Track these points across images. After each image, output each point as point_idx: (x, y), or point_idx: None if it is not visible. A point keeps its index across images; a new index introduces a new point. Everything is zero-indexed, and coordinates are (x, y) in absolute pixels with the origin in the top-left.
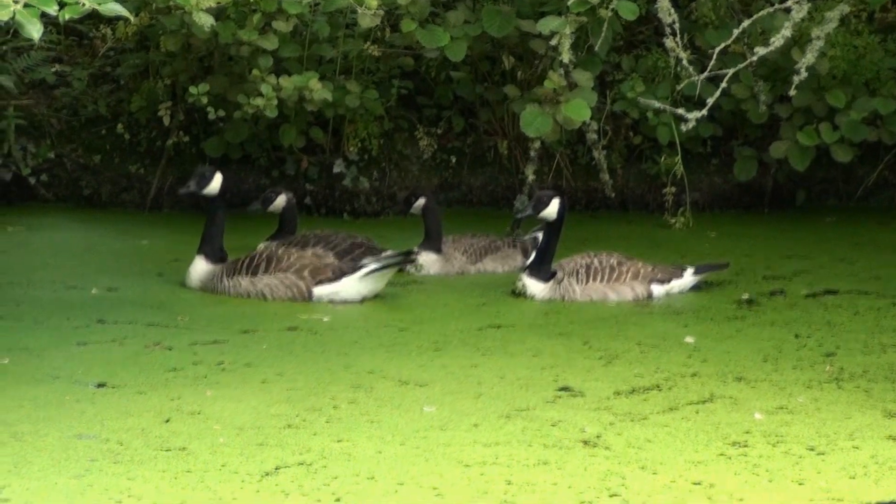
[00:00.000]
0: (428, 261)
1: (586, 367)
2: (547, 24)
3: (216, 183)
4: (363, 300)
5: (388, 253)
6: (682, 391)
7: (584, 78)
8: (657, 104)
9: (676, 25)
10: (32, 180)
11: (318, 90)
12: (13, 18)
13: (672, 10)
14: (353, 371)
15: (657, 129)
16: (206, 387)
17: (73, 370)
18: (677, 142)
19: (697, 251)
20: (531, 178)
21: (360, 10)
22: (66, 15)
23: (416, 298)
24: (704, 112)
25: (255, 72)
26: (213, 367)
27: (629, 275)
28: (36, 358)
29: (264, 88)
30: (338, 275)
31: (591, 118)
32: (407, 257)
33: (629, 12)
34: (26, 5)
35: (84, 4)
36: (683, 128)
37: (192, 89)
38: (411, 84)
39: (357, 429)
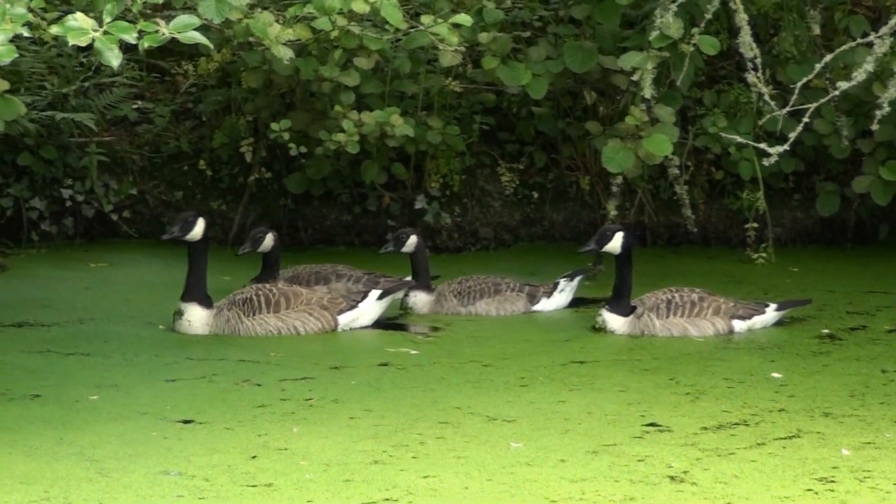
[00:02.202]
0: (419, 301)
1: (673, 403)
2: (629, 60)
3: (199, 228)
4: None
5: (390, 281)
6: (769, 427)
7: (666, 113)
8: (739, 139)
9: (758, 60)
10: (114, 217)
11: (400, 126)
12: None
13: (754, 45)
14: (440, 407)
15: (739, 164)
16: (294, 423)
17: (160, 407)
18: (759, 177)
19: (779, 287)
20: (613, 213)
21: (441, 48)
22: (146, 43)
23: (497, 333)
24: (786, 147)
25: (337, 108)
26: (300, 403)
27: (710, 310)
28: (124, 394)
29: (346, 124)
30: (354, 303)
31: (673, 153)
32: (408, 283)
33: (711, 47)
34: (105, 32)
35: (163, 34)
36: (765, 163)
37: (274, 125)
38: (493, 120)
39: (444, 465)
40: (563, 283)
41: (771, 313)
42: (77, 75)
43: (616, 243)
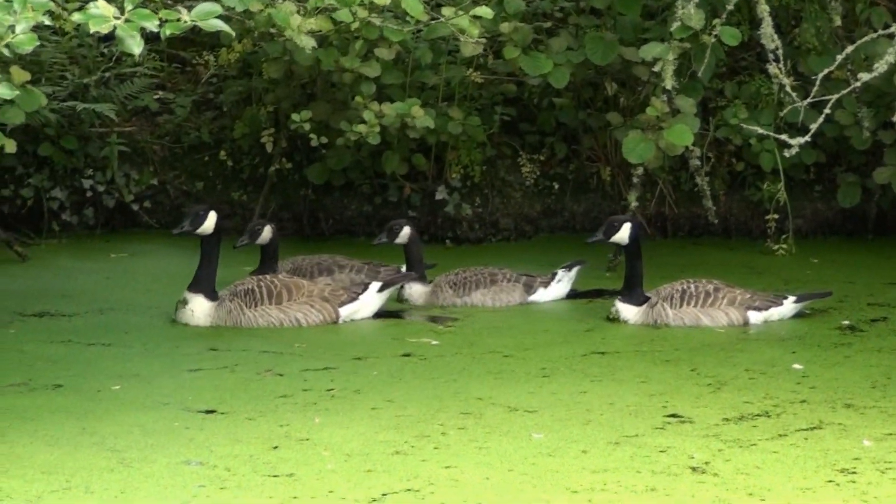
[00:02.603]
0: (415, 292)
1: (695, 394)
2: (650, 51)
3: (210, 222)
4: (376, 315)
5: (396, 271)
6: (790, 418)
7: (687, 104)
8: (760, 130)
9: (780, 51)
10: (135, 207)
11: (421, 117)
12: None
13: (775, 37)
14: (461, 398)
15: (760, 155)
16: (316, 413)
17: (183, 397)
18: (780, 168)
19: (799, 278)
20: (634, 204)
21: (462, 38)
22: (167, 31)
23: (517, 324)
24: (808, 138)
25: (358, 98)
26: (322, 393)
27: (724, 301)
28: (146, 384)
29: (367, 115)
30: (355, 295)
31: (694, 144)
32: (410, 276)
33: (732, 38)
34: (127, 20)
35: (185, 21)
36: (786, 154)
37: (295, 116)
38: (514, 110)
39: (465, 455)
40: (560, 273)
41: (789, 305)
42: (98, 65)
43: (623, 234)
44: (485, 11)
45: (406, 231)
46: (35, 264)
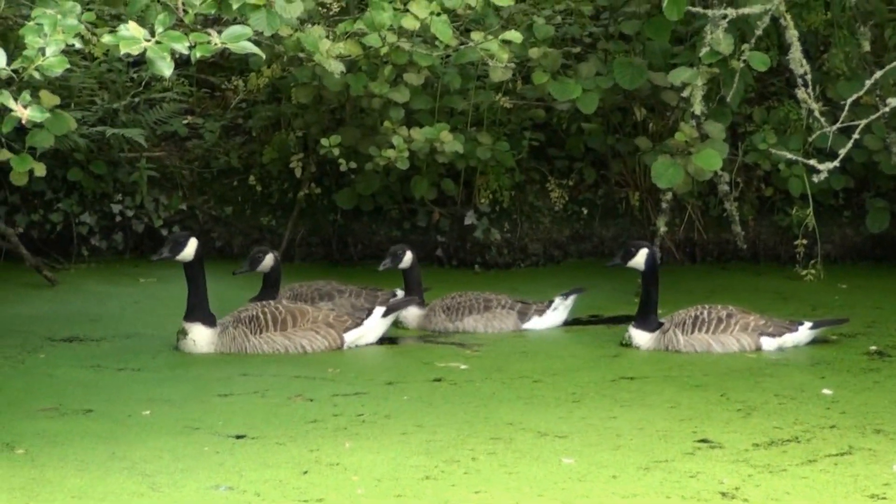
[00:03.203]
0: (410, 315)
1: (724, 419)
2: (678, 76)
3: (190, 249)
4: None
5: (392, 295)
6: (820, 443)
7: (716, 129)
8: (789, 156)
9: (808, 77)
10: (164, 232)
11: (450, 142)
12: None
13: (804, 62)
14: (491, 423)
15: (789, 180)
16: (346, 438)
17: (213, 422)
18: (809, 193)
19: (827, 304)
20: (663, 229)
21: (491, 63)
22: (198, 53)
23: (544, 348)
24: (836, 164)
25: (387, 124)
26: (353, 418)
27: (737, 327)
28: (176, 409)
29: (396, 140)
30: (359, 321)
31: (723, 169)
32: (413, 300)
33: (761, 63)
34: (157, 42)
35: (215, 44)
36: (815, 179)
37: (324, 141)
38: (542, 136)
39: (495, 480)
40: (557, 301)
41: (804, 332)
42: (127, 91)
43: (640, 259)
44: (514, 36)
45: (409, 256)
46: (64, 289)
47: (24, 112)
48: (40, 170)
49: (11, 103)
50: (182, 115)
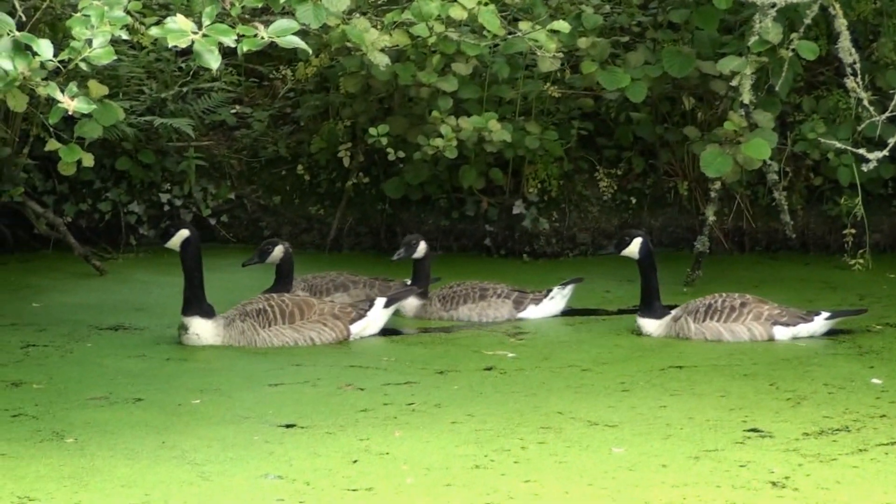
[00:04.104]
0: (408, 305)
1: (774, 409)
2: (727, 65)
3: (177, 239)
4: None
5: (404, 285)
6: (871, 432)
7: (765, 118)
8: (838, 145)
9: (857, 66)
10: (212, 221)
11: (498, 131)
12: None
13: (853, 51)
14: (542, 412)
15: (838, 170)
16: (396, 427)
17: (263, 411)
18: (858, 183)
19: (875, 293)
20: (711, 219)
21: (539, 53)
22: (245, 47)
23: (586, 338)
24: (885, 153)
25: (435, 113)
26: (403, 407)
27: (749, 316)
28: (227, 399)
29: (444, 129)
30: (363, 312)
31: (772, 159)
32: (412, 290)
33: (810, 52)
34: (204, 35)
35: (262, 37)
36: (864, 169)
37: (372, 130)
38: (591, 125)
39: (545, 470)
40: (555, 290)
41: (820, 322)
42: (175, 80)
43: (634, 248)
44: (562, 26)
45: (423, 246)
46: (112, 278)
47: (71, 103)
48: (88, 160)
49: (58, 95)
50: (230, 104)
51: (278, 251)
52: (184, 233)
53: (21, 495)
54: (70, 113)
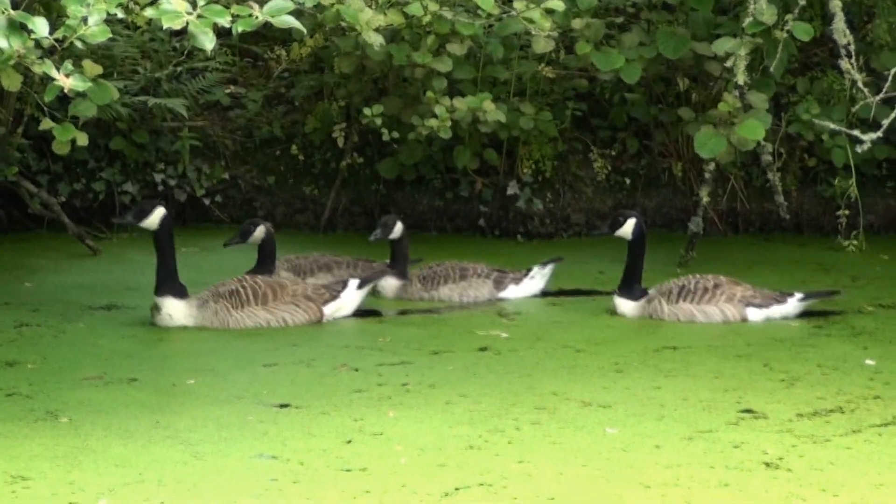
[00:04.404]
0: (388, 286)
1: (768, 390)
2: (722, 45)
3: (155, 217)
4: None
5: (381, 266)
6: (864, 414)
7: (759, 99)
8: (832, 126)
9: (852, 47)
10: (206, 201)
11: (492, 112)
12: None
13: (847, 32)
14: (536, 392)
15: (832, 151)
16: (390, 408)
17: (257, 391)
18: (852, 164)
19: (868, 274)
20: (705, 199)
21: (534, 33)
22: (239, 27)
23: (577, 319)
24: (880, 134)
25: (430, 93)
26: (397, 388)
27: (722, 298)
28: (221, 379)
29: (438, 110)
30: (336, 293)
31: (766, 140)
32: (385, 271)
33: (804, 33)
34: (199, 16)
35: (257, 17)
36: (858, 150)
37: (367, 111)
38: (585, 106)
39: (539, 450)
40: (535, 269)
41: (794, 303)
42: (170, 60)
43: (627, 229)
44: (556, 5)
45: (399, 226)
46: (106, 258)
47: (66, 81)
48: (83, 139)
49: (54, 72)
50: (225, 84)
51: (260, 231)
52: (161, 210)
53: (15, 474)
54: (65, 91)
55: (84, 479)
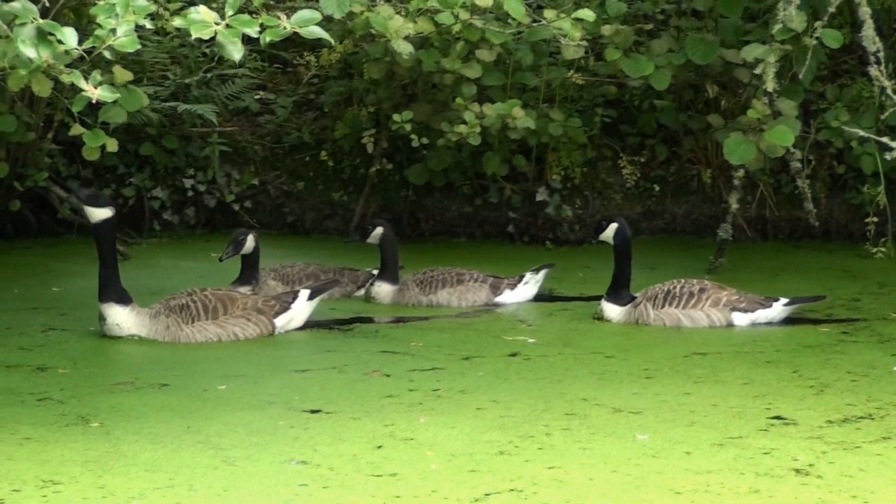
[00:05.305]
0: (382, 291)
1: (798, 396)
2: (751, 52)
3: (98, 215)
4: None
5: (369, 275)
6: (894, 420)
7: (789, 106)
8: (861, 133)
9: (881, 54)
10: (236, 207)
11: (522, 118)
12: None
13: (877, 39)
14: (566, 399)
15: (861, 158)
16: (421, 413)
17: (288, 396)
18: (881, 171)
19: (895, 282)
20: (734, 206)
21: (563, 41)
22: (267, 37)
23: (609, 325)
24: None
25: (459, 100)
26: (428, 393)
27: (708, 302)
28: (252, 384)
29: (468, 116)
30: (287, 305)
31: (795, 147)
32: (336, 282)
33: (834, 40)
34: (227, 26)
35: (285, 27)
36: (887, 157)
37: (396, 117)
38: (614, 112)
39: (569, 456)
40: (528, 275)
41: (778, 308)
42: (199, 66)
43: (609, 233)
44: (586, 14)
45: (378, 231)
46: (135, 263)
47: (94, 92)
48: (112, 145)
49: (82, 83)
50: (254, 90)
51: (250, 241)
52: (107, 210)
53: (46, 479)
54: (94, 101)
55: (115, 483)
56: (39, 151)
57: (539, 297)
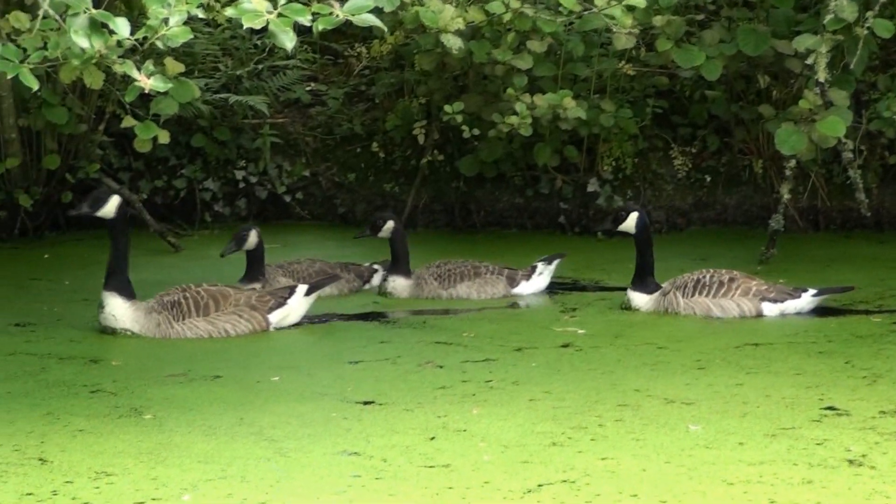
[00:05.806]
0: (398, 286)
1: (850, 387)
2: (802, 42)
3: (110, 206)
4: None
5: (371, 270)
6: None
7: (840, 97)
8: None
9: None
10: (288, 198)
11: (573, 109)
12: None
13: None
14: (619, 389)
15: None
16: (474, 404)
17: (342, 388)
18: None
19: None
20: (786, 197)
21: (614, 31)
22: (320, 26)
23: (659, 316)
24: None
25: (510, 90)
26: (481, 384)
27: (738, 292)
28: (306, 376)
29: (519, 107)
30: (283, 300)
31: (847, 137)
32: (336, 277)
33: (885, 30)
34: (279, 15)
35: (337, 15)
36: None
37: (447, 108)
38: (666, 103)
39: (622, 447)
40: (541, 266)
41: (807, 298)
42: (250, 57)
43: (630, 223)
44: (637, 2)
45: (389, 225)
46: (187, 255)
47: (147, 82)
48: (164, 137)
49: (135, 73)
50: (305, 81)
51: (253, 237)
52: (116, 199)
53: (99, 470)
54: (146, 91)
55: (167, 475)
56: (91, 143)
57: (582, 287)
